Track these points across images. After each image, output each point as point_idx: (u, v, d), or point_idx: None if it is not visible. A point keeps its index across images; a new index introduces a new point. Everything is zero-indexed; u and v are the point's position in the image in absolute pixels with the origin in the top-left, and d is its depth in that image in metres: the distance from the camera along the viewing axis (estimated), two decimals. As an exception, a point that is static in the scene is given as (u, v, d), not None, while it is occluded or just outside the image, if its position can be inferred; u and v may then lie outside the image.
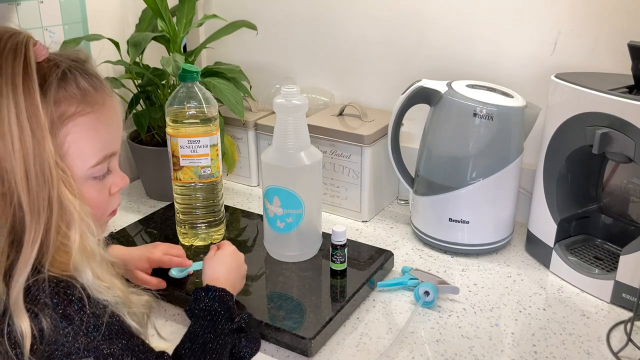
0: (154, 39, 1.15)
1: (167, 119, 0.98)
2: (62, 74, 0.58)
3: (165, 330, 0.83)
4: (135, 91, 1.22)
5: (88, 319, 0.56)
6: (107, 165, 0.64)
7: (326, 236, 1.00)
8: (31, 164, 0.55)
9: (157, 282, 0.89)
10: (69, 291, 0.56)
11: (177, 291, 0.89)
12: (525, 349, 0.81)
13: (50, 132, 0.56)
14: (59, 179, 0.57)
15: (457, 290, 0.91)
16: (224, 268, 0.83)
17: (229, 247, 0.88)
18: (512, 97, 1.01)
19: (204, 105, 0.98)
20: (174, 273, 0.91)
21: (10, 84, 0.54)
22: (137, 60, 1.18)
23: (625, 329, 0.83)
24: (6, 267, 0.55)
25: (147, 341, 0.62)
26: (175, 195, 1.03)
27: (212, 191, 1.02)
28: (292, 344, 0.80)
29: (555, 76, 0.95)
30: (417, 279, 0.93)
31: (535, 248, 1.03)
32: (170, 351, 0.65)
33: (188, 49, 1.41)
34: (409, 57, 1.20)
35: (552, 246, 0.99)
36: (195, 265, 0.93)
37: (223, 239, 1.05)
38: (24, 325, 0.53)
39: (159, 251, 0.91)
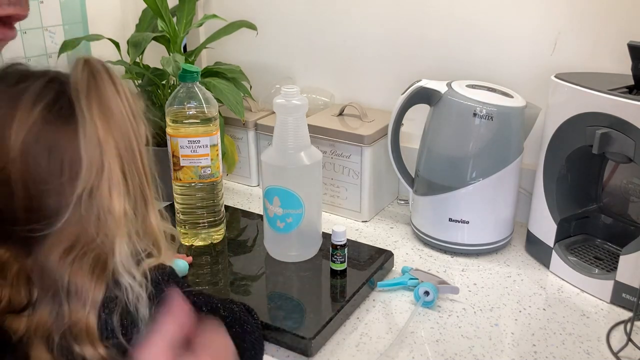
0: (154, 39, 1.15)
1: (167, 119, 0.98)
2: None
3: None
4: (136, 91, 1.22)
5: None
6: None
7: (326, 236, 1.00)
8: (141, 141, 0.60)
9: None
10: None
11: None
12: (525, 349, 0.81)
13: None
14: None
15: (457, 290, 0.91)
16: None
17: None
18: (512, 97, 1.01)
19: (204, 105, 0.98)
20: None
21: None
22: (137, 60, 1.18)
23: (625, 329, 0.83)
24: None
25: None
26: (175, 195, 1.03)
27: (212, 191, 1.02)
28: (292, 344, 0.80)
29: (555, 76, 0.95)
30: (417, 279, 0.93)
31: (535, 248, 1.03)
32: None
33: (188, 49, 1.41)
34: (409, 57, 1.20)
35: (552, 246, 0.99)
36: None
37: (223, 239, 1.05)
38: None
39: None
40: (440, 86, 1.02)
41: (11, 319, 0.55)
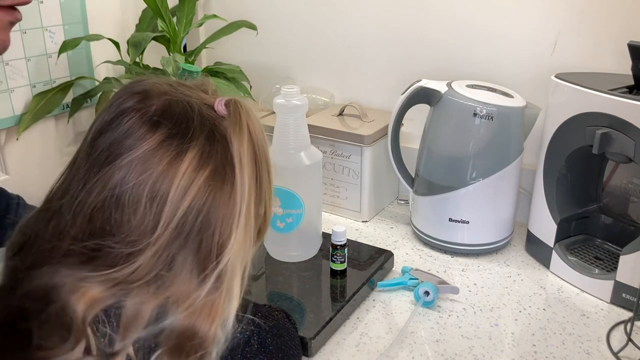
0: (154, 39, 1.15)
1: (167, 119, 0.98)
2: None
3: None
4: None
5: None
6: None
7: (326, 236, 1.00)
8: None
9: None
10: None
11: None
12: (525, 349, 0.81)
13: None
14: None
15: (457, 290, 0.91)
16: None
17: None
18: (512, 97, 1.01)
19: (204, 105, 0.97)
20: None
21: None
22: (137, 60, 1.18)
23: (625, 329, 0.83)
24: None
25: None
26: (175, 195, 1.02)
27: (212, 191, 1.02)
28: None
29: (555, 76, 0.95)
30: (417, 279, 0.93)
31: (535, 248, 1.03)
32: None
33: (188, 49, 1.41)
34: (409, 57, 1.20)
35: (552, 246, 0.99)
36: None
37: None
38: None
39: None
40: (440, 86, 1.02)
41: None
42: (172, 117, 0.52)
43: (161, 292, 0.49)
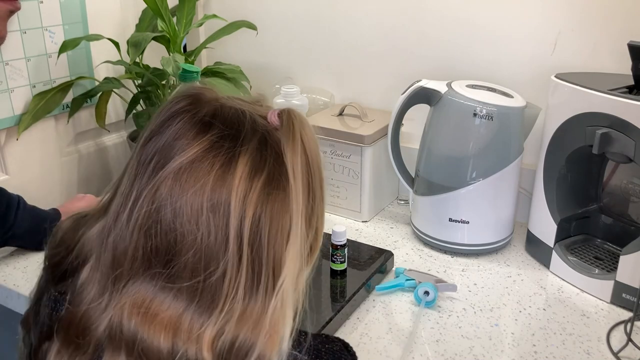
0: (154, 39, 1.15)
1: (167, 119, 0.98)
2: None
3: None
4: (135, 91, 1.22)
5: None
6: None
7: (326, 236, 1.00)
8: None
9: None
10: None
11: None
12: (525, 349, 0.81)
13: None
14: None
15: (455, 288, 0.91)
16: None
17: None
18: (512, 97, 1.01)
19: (204, 105, 0.97)
20: None
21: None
22: (137, 60, 1.18)
23: (625, 329, 0.83)
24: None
25: None
26: (175, 195, 1.02)
27: (212, 191, 1.02)
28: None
29: (555, 76, 0.95)
30: (414, 279, 0.92)
31: (535, 248, 1.03)
32: None
33: (188, 49, 1.41)
34: (409, 57, 1.20)
35: (552, 246, 0.99)
36: None
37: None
38: None
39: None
40: (440, 86, 1.02)
41: None
42: (224, 119, 0.50)
43: (241, 316, 0.47)
